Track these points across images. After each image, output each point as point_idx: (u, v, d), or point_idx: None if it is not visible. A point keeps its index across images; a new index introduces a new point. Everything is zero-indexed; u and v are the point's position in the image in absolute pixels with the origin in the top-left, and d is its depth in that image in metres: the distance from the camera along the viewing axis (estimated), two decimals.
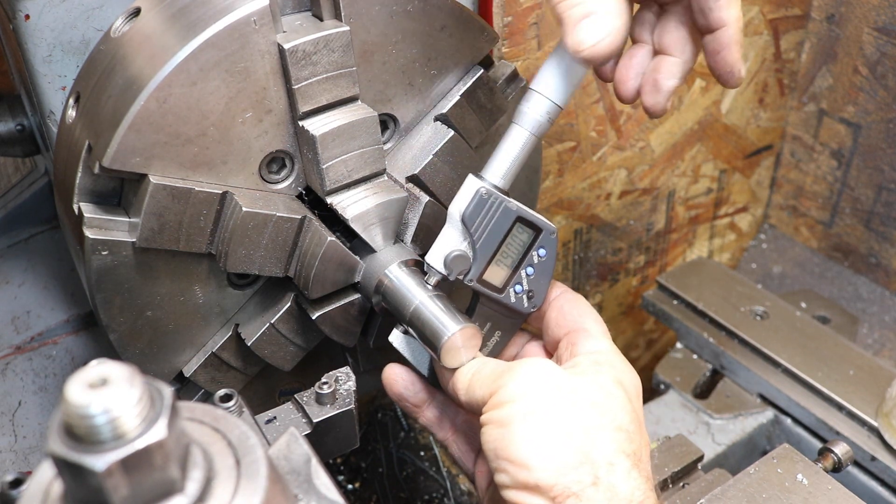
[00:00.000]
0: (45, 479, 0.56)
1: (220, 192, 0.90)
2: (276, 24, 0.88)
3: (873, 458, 1.36)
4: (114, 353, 0.96)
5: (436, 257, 0.93)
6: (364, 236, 0.98)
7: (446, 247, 0.93)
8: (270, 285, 1.03)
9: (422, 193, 1.03)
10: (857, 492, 1.12)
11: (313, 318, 0.99)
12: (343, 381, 0.92)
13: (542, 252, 0.95)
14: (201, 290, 0.98)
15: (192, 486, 0.54)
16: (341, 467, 1.70)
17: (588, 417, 0.80)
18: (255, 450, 0.58)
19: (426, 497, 1.59)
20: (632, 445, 0.80)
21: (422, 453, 1.62)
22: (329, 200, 0.96)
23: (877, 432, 1.38)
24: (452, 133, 1.03)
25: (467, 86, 1.04)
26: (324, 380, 0.91)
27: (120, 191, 0.91)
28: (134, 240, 0.88)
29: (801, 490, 1.11)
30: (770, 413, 1.52)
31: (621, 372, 0.87)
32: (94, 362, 0.51)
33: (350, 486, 1.68)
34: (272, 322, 0.99)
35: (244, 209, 0.89)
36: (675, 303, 1.69)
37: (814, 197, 2.08)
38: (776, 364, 1.52)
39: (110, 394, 0.49)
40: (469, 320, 0.91)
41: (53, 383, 1.25)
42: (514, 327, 1.00)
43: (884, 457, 1.35)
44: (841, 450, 1.23)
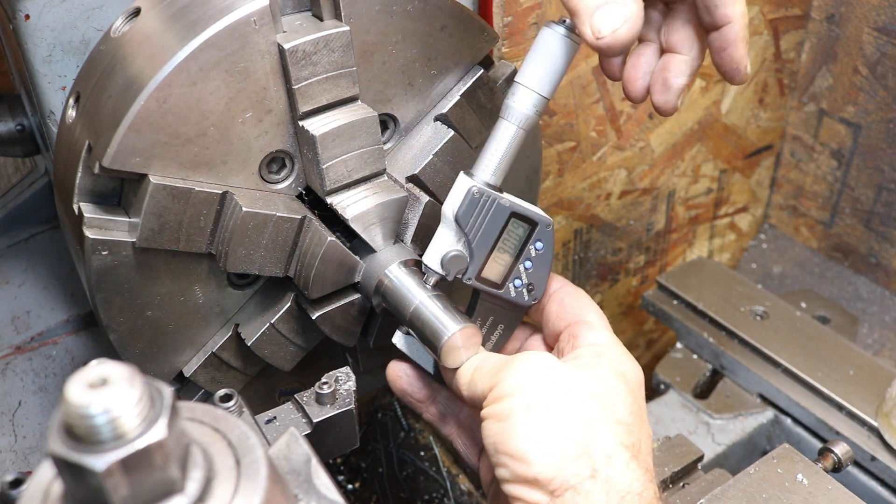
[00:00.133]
0: (45, 479, 0.56)
1: (220, 192, 0.90)
2: (276, 24, 0.88)
3: (873, 458, 1.36)
4: (114, 353, 0.96)
5: (432, 258, 0.93)
6: (364, 236, 0.98)
7: (442, 247, 0.93)
8: (270, 285, 1.03)
9: (422, 193, 1.03)
10: (857, 492, 1.12)
11: (313, 318, 0.99)
12: (343, 381, 0.92)
13: (539, 245, 0.95)
14: (201, 290, 0.98)
15: (192, 486, 0.54)
16: (341, 467, 1.70)
17: (588, 410, 0.80)
18: (255, 450, 0.58)
19: (426, 497, 1.59)
20: (631, 437, 0.80)
21: (422, 453, 1.62)
22: (329, 200, 0.96)
23: (877, 432, 1.38)
24: (452, 133, 1.03)
25: (467, 86, 1.04)
26: (324, 380, 0.91)
27: (120, 191, 0.91)
28: (134, 240, 0.88)
29: (801, 490, 1.11)
30: (770, 413, 1.52)
31: (623, 364, 0.87)
32: (94, 362, 0.51)
33: (350, 486, 1.68)
34: (272, 322, 0.99)
35: (244, 209, 0.89)
36: (675, 303, 1.69)
37: (814, 197, 2.08)
38: (776, 364, 1.52)
39: (110, 394, 0.49)
40: (469, 319, 0.91)
41: (53, 383, 1.25)
42: (516, 320, 1.00)
43: (884, 457, 1.35)
44: (841, 450, 1.23)
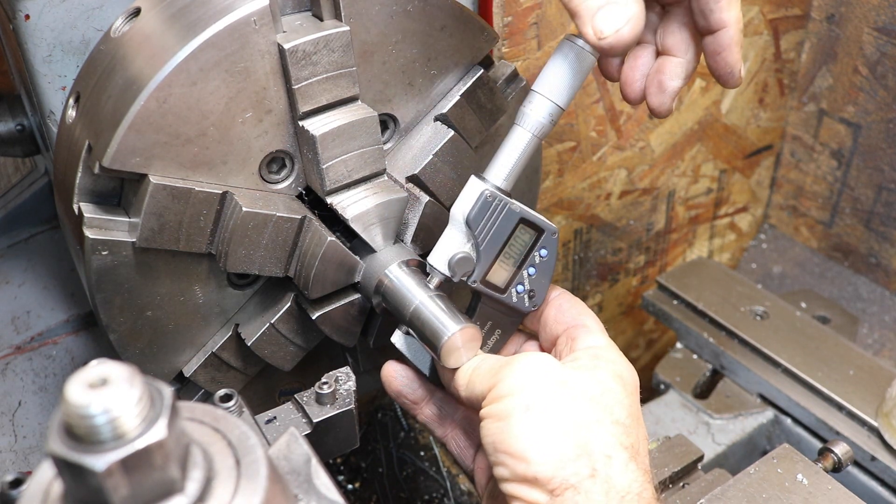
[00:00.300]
0: (45, 479, 0.56)
1: (220, 192, 0.90)
2: (276, 24, 0.88)
3: (873, 458, 1.36)
4: (114, 353, 0.96)
5: (439, 259, 0.93)
6: (364, 236, 0.98)
7: (450, 248, 0.93)
8: (270, 285, 1.03)
9: (422, 193, 1.03)
10: (857, 492, 1.12)
11: (313, 318, 0.99)
12: (343, 381, 0.92)
13: (543, 252, 0.96)
14: (201, 290, 0.98)
15: (192, 486, 0.54)
16: (341, 467, 1.70)
17: (586, 411, 0.81)
18: (255, 450, 0.58)
19: (426, 497, 1.59)
20: (629, 439, 0.81)
21: (422, 453, 1.62)
22: (329, 200, 0.96)
23: (877, 432, 1.38)
24: (452, 133, 1.03)
25: (467, 86, 1.04)
26: (324, 380, 0.91)
27: (120, 191, 0.91)
28: (134, 240, 0.88)
29: (801, 490, 1.11)
30: (770, 413, 1.52)
31: (620, 367, 0.87)
32: (94, 362, 0.51)
33: (350, 486, 1.68)
34: (272, 322, 0.99)
35: (244, 209, 0.89)
36: (675, 303, 1.69)
37: (814, 197, 2.08)
38: (776, 364, 1.52)
39: (110, 394, 0.49)
40: (469, 320, 0.91)
41: (53, 383, 1.25)
42: (513, 326, 1.00)
43: (884, 457, 1.35)
44: (841, 450, 1.23)
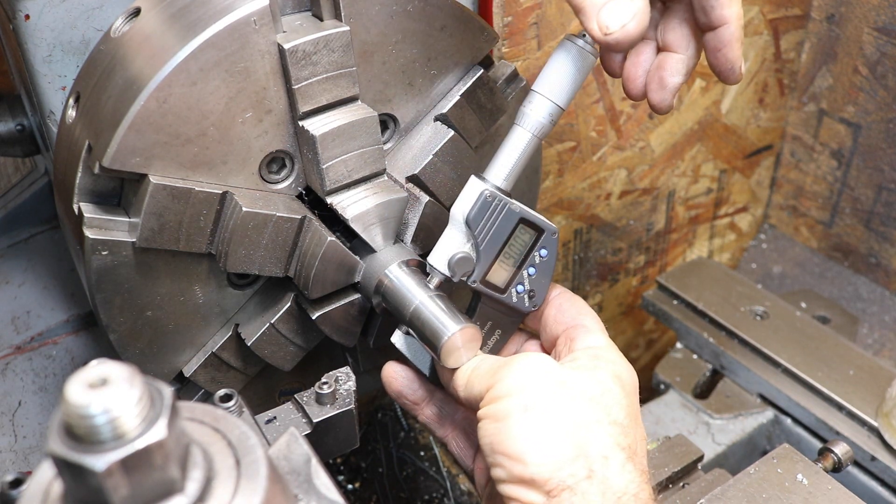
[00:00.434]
0: (45, 479, 0.56)
1: (220, 192, 0.90)
2: (276, 24, 0.88)
3: (873, 458, 1.36)
4: (114, 353, 0.96)
5: (439, 259, 0.93)
6: (364, 236, 0.98)
7: (450, 248, 0.93)
8: (270, 285, 1.03)
9: (422, 193, 1.03)
10: (857, 492, 1.12)
11: (313, 318, 0.99)
12: (343, 381, 0.92)
13: (543, 252, 0.96)
14: (201, 290, 0.98)
15: (192, 486, 0.54)
16: (341, 467, 1.70)
17: (584, 412, 0.80)
18: (255, 450, 0.58)
19: (426, 497, 1.59)
20: (627, 439, 0.81)
21: (422, 453, 1.62)
22: (329, 200, 0.96)
23: (877, 432, 1.38)
24: (452, 133, 1.03)
25: (467, 86, 1.04)
26: (324, 380, 0.91)
27: (120, 191, 0.91)
28: (134, 240, 0.88)
29: (801, 490, 1.11)
30: (770, 413, 1.52)
31: (619, 367, 0.87)
32: (94, 362, 0.51)
33: (350, 486, 1.68)
34: (272, 322, 0.99)
35: (244, 209, 0.89)
36: (675, 303, 1.69)
37: (814, 197, 2.08)
38: (776, 364, 1.52)
39: (110, 394, 0.49)
40: (469, 320, 0.91)
41: (53, 383, 1.25)
42: (513, 326, 1.00)
43: (884, 457, 1.35)
44: (841, 450, 1.23)
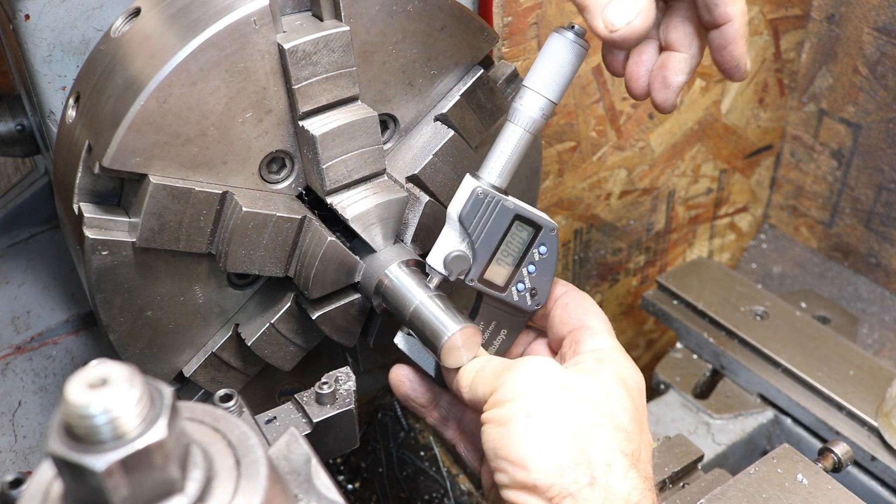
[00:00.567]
0: (45, 479, 0.56)
1: (220, 192, 0.90)
2: (276, 24, 0.88)
3: (873, 458, 1.36)
4: (114, 353, 0.96)
5: (436, 258, 0.93)
6: (364, 236, 0.98)
7: (446, 248, 0.93)
8: (270, 285, 1.03)
9: (422, 193, 1.03)
10: (857, 492, 1.12)
11: (313, 318, 0.99)
12: (343, 381, 0.92)
13: (542, 249, 0.95)
14: (201, 290, 0.98)
15: (192, 486, 0.54)
16: (341, 467, 1.70)
17: (588, 416, 0.80)
18: (255, 450, 0.58)
19: (426, 497, 1.59)
20: (630, 445, 0.80)
21: (422, 453, 1.62)
22: (329, 200, 0.96)
23: (877, 432, 1.38)
24: (452, 133, 1.03)
25: (467, 86, 1.04)
26: (324, 380, 0.91)
27: (120, 191, 0.91)
28: (134, 240, 0.88)
29: (801, 490, 1.11)
30: (770, 413, 1.52)
31: (624, 370, 0.86)
32: (94, 362, 0.51)
33: (350, 486, 1.68)
34: (272, 322, 0.99)
35: (244, 209, 0.89)
36: (675, 303, 1.69)
37: (814, 197, 2.08)
38: (776, 364, 1.52)
39: (110, 394, 0.49)
40: (469, 320, 0.91)
41: (53, 383, 1.25)
42: (519, 325, 1.00)
43: (884, 457, 1.35)
44: (841, 450, 1.23)
